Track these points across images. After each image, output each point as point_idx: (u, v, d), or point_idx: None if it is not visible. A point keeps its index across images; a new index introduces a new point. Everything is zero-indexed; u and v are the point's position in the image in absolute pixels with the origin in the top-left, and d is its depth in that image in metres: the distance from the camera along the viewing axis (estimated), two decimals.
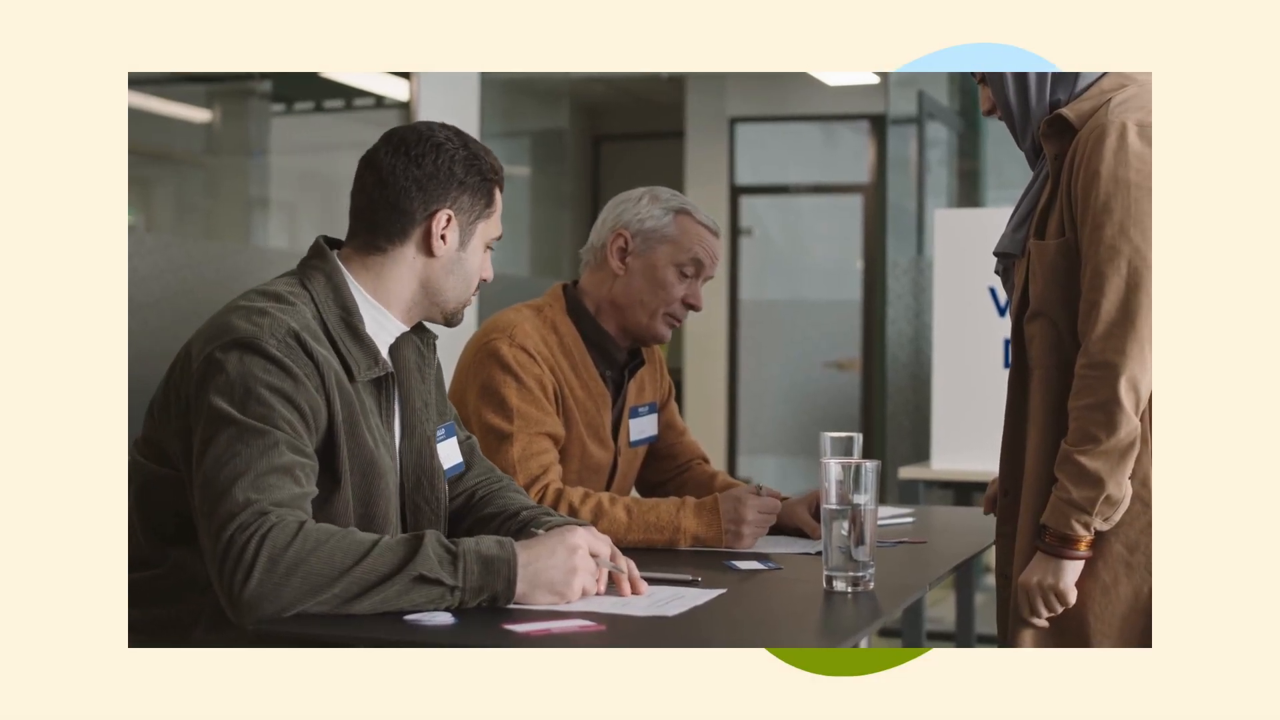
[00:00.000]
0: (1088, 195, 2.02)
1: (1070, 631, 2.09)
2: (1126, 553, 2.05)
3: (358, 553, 1.73)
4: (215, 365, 1.83)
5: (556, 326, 2.64)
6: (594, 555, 1.89)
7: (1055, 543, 2.04)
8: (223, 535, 1.73)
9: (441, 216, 2.02)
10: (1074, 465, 2.00)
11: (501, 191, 2.11)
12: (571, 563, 1.84)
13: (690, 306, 2.66)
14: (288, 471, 1.79)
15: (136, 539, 1.91)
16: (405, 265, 2.03)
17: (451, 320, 2.11)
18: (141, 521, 1.91)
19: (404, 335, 2.10)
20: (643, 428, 2.77)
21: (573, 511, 2.44)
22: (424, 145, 2.02)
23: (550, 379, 2.56)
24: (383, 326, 2.04)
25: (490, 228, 2.09)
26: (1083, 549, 2.03)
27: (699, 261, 2.65)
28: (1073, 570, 2.04)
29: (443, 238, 2.02)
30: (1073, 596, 2.05)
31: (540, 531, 2.00)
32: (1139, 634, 2.05)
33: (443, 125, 2.07)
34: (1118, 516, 2.02)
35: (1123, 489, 2.00)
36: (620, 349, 2.70)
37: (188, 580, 1.87)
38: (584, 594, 1.85)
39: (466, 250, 2.06)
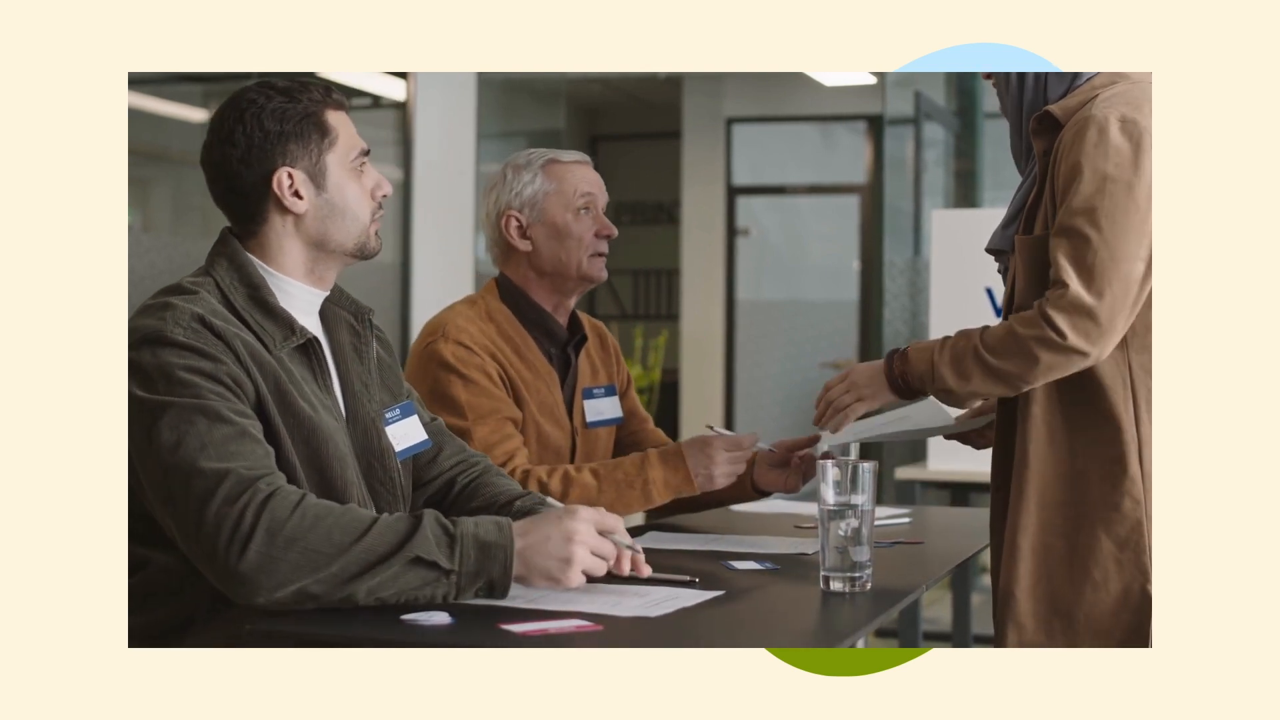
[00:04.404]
0: (1066, 187, 2.04)
1: (1058, 629, 2.11)
2: (1116, 550, 2.07)
3: (357, 530, 1.73)
4: (131, 366, 1.82)
5: (492, 315, 2.66)
6: (606, 533, 1.86)
7: (897, 373, 2.22)
8: (207, 511, 1.71)
9: (280, 177, 1.96)
10: (980, 362, 2.09)
11: (340, 109, 2.02)
12: (568, 550, 1.80)
13: (605, 236, 2.69)
14: (244, 434, 1.78)
15: None
16: (281, 235, 1.99)
17: (366, 253, 2.03)
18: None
19: (336, 316, 2.08)
20: (600, 409, 2.76)
21: (543, 486, 2.46)
22: (229, 122, 1.96)
23: (494, 366, 2.58)
24: (293, 296, 2.00)
25: (343, 152, 2.00)
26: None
27: (588, 194, 2.69)
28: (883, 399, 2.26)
29: (296, 194, 1.97)
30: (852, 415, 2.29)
31: (553, 503, 2.00)
32: (1128, 631, 2.06)
33: (250, 86, 1.99)
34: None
35: (973, 399, 2.18)
36: (559, 324, 2.72)
37: (172, 581, 1.86)
38: (586, 578, 1.83)
39: (329, 189, 1.99)
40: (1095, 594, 2.08)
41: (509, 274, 2.72)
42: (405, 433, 2.12)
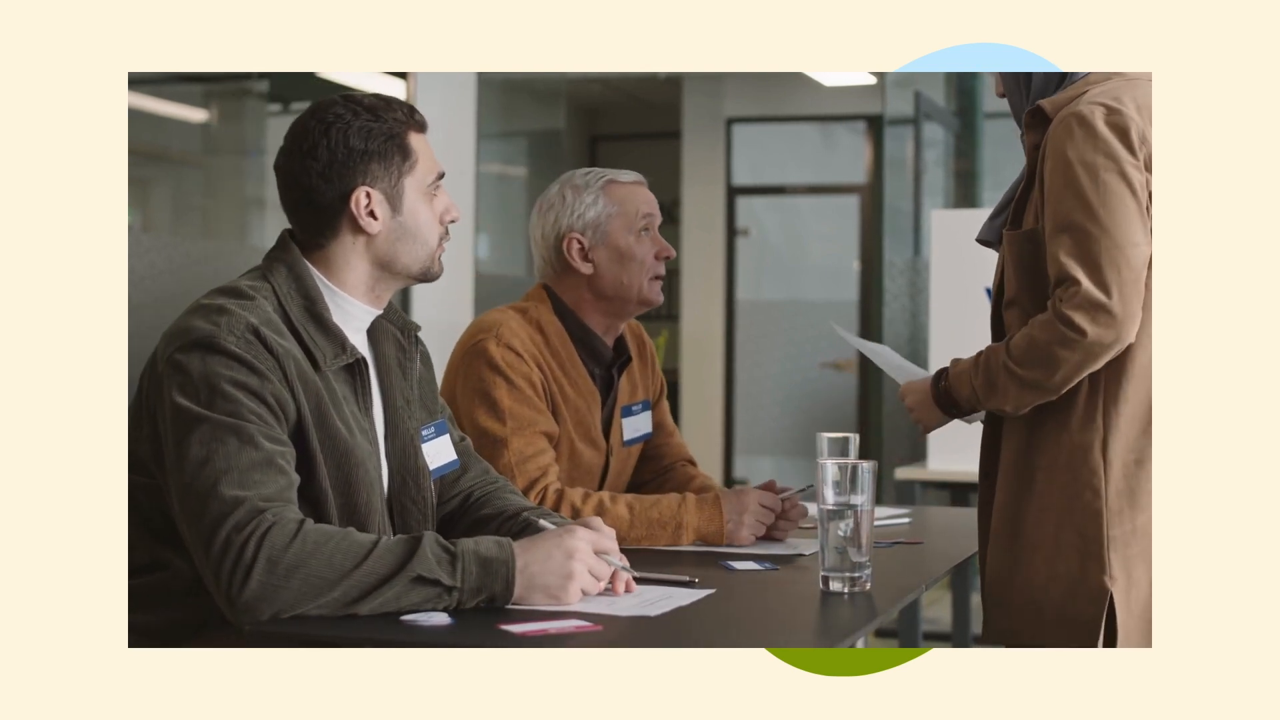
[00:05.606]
0: (1055, 180, 2.05)
1: (1030, 617, 2.15)
2: (1079, 541, 2.11)
3: (358, 555, 1.73)
4: (177, 367, 1.82)
5: (542, 326, 2.63)
6: (601, 553, 1.88)
7: (945, 400, 2.24)
8: (216, 536, 1.72)
9: (359, 196, 1.95)
10: (1012, 376, 2.10)
11: (421, 131, 2.01)
12: (568, 567, 1.82)
13: (665, 258, 2.67)
14: (270, 463, 1.78)
15: (134, 545, 1.89)
16: (349, 251, 1.98)
17: (429, 276, 2.04)
18: (135, 528, 1.89)
19: (383, 330, 2.08)
20: (636, 426, 2.75)
21: (575, 512, 2.43)
22: (314, 135, 1.95)
23: (539, 377, 2.55)
24: (348, 313, 2.00)
25: (421, 176, 2.00)
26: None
27: (648, 215, 2.67)
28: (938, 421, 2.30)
29: (371, 214, 1.96)
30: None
31: (547, 524, 2.00)
32: (1090, 623, 2.09)
33: (334, 100, 1.97)
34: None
35: (1018, 410, 2.14)
36: (606, 345, 2.69)
37: (190, 583, 1.86)
38: (584, 595, 1.84)
39: (404, 212, 1.99)
40: (1060, 585, 2.12)
41: (560, 293, 2.67)
42: (437, 452, 2.13)
